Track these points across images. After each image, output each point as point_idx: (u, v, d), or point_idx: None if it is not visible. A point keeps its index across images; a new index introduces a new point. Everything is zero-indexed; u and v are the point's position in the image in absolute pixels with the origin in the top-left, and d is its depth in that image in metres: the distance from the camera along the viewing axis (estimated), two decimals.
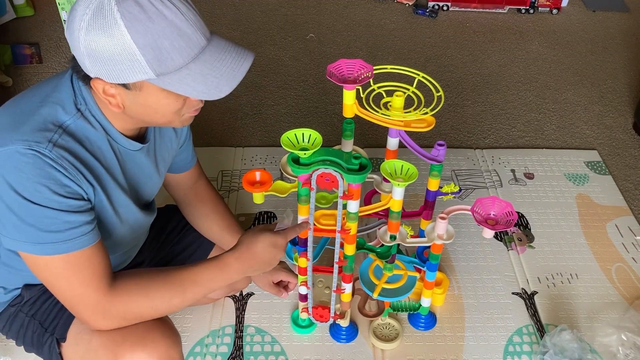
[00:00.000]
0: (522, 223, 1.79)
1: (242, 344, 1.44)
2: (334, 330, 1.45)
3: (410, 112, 1.24)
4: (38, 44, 2.55)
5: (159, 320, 1.04)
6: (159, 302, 1.00)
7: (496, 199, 1.20)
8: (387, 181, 1.33)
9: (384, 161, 1.19)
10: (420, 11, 2.90)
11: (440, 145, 1.27)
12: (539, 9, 2.97)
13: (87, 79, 0.91)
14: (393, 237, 1.27)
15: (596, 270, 1.65)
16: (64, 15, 1.97)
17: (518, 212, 1.82)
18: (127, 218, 1.09)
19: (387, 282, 1.37)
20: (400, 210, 1.21)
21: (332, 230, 1.22)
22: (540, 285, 1.60)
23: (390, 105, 1.26)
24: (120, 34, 0.83)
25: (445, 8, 2.94)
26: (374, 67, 1.26)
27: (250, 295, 1.55)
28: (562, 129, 2.21)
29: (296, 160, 1.12)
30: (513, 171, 1.98)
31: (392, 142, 1.35)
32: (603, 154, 2.08)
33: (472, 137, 2.15)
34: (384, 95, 1.28)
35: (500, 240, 1.73)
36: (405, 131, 1.29)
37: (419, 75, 1.28)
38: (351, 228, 1.21)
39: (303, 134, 1.13)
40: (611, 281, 1.62)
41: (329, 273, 1.34)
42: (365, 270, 1.41)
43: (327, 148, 1.13)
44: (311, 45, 2.67)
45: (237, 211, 1.79)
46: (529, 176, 1.97)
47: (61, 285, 0.95)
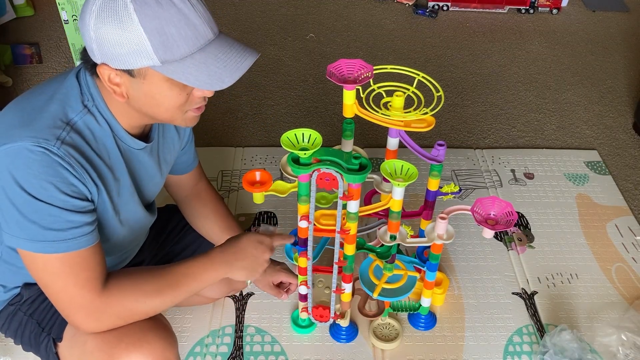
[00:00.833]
0: (522, 223, 1.79)
1: (242, 344, 1.44)
2: (334, 330, 1.45)
3: (410, 112, 1.24)
4: (38, 44, 2.55)
5: (155, 321, 1.04)
6: (152, 298, 1.00)
7: (496, 199, 1.20)
8: (387, 181, 1.33)
9: (384, 161, 1.19)
10: (420, 11, 2.90)
11: (440, 145, 1.27)
12: (539, 9, 2.97)
13: (94, 69, 0.93)
14: (393, 237, 1.27)
15: (596, 270, 1.65)
16: (64, 15, 1.97)
17: (518, 212, 1.82)
18: (127, 218, 1.09)
19: (387, 282, 1.37)
20: (400, 210, 1.21)
21: (332, 230, 1.22)
22: (540, 285, 1.60)
23: (390, 105, 1.26)
24: (129, 18, 0.85)
25: (445, 8, 2.94)
26: (374, 67, 1.26)
27: (250, 295, 1.55)
28: (562, 129, 2.21)
29: (296, 160, 1.12)
30: (513, 171, 1.98)
31: (392, 142, 1.35)
32: (603, 154, 2.08)
33: (472, 137, 2.15)
34: (384, 95, 1.28)
35: (500, 240, 1.73)
36: (405, 131, 1.29)
37: (419, 75, 1.28)
38: (351, 228, 1.21)
39: (303, 134, 1.13)
40: (611, 281, 1.62)
41: (329, 273, 1.34)
42: (365, 270, 1.41)
43: (327, 148, 1.13)
44: (311, 45, 2.67)
45: (237, 211, 1.79)
46: (529, 176, 1.97)
47: (56, 286, 0.95)
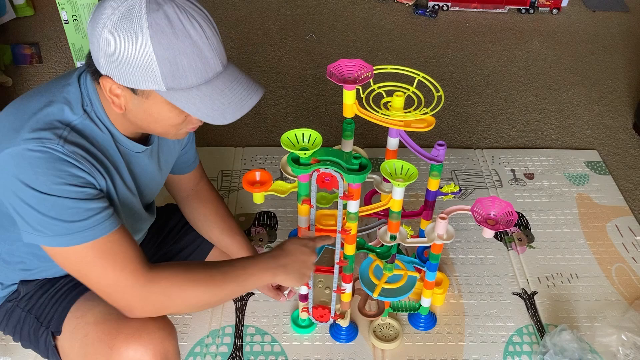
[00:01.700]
0: (522, 223, 1.79)
1: (242, 344, 1.43)
2: (334, 330, 1.45)
3: (410, 112, 1.24)
4: (38, 44, 2.55)
5: None
6: (201, 291, 0.99)
7: (496, 199, 1.20)
8: (387, 181, 1.33)
9: (384, 161, 1.19)
10: (420, 11, 2.90)
11: (440, 145, 1.27)
12: (539, 9, 2.97)
13: (97, 75, 0.92)
14: (393, 237, 1.27)
15: (596, 270, 1.65)
16: (64, 16, 1.97)
17: (518, 212, 1.82)
18: (128, 217, 1.09)
19: (387, 282, 1.37)
20: (400, 210, 1.21)
21: (333, 230, 1.22)
22: (540, 285, 1.60)
23: (390, 105, 1.26)
24: (143, 42, 0.84)
25: (445, 8, 2.94)
26: (374, 67, 1.26)
27: (250, 295, 1.55)
28: (562, 129, 2.21)
29: (296, 160, 1.12)
30: (513, 171, 1.98)
31: (392, 142, 1.35)
32: (603, 154, 2.08)
33: (472, 137, 2.15)
34: (384, 95, 1.28)
35: (500, 240, 1.73)
36: (405, 131, 1.29)
37: (419, 75, 1.28)
38: (351, 228, 1.21)
39: (303, 134, 1.13)
40: (611, 281, 1.62)
41: (329, 273, 1.34)
42: (365, 270, 1.41)
43: (327, 148, 1.13)
44: (311, 45, 2.67)
45: (237, 211, 1.79)
46: (529, 176, 1.97)
47: (95, 274, 0.94)
